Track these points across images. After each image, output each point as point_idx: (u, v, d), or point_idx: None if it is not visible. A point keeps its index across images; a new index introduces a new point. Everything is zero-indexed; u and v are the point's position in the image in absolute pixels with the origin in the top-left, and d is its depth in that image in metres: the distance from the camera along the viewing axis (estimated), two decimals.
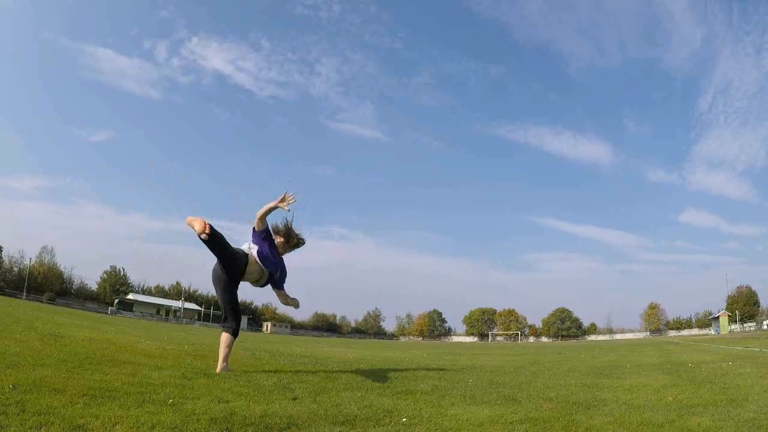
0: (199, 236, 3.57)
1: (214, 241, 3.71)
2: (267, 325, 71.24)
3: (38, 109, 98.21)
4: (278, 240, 4.15)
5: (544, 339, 76.64)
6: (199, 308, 69.92)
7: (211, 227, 3.60)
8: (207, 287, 78.72)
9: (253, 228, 4.08)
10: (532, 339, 78.50)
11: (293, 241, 4.18)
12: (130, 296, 64.09)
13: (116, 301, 60.40)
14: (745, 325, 55.63)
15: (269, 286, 4.26)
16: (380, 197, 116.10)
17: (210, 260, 3.98)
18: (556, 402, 3.03)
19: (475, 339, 79.61)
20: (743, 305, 62.10)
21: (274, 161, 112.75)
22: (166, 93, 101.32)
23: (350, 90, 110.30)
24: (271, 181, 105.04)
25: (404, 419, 2.30)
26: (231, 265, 3.88)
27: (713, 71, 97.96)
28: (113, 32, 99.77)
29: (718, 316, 60.49)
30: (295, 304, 4.51)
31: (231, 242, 3.94)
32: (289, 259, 4.32)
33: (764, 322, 50.00)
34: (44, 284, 57.04)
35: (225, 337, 3.94)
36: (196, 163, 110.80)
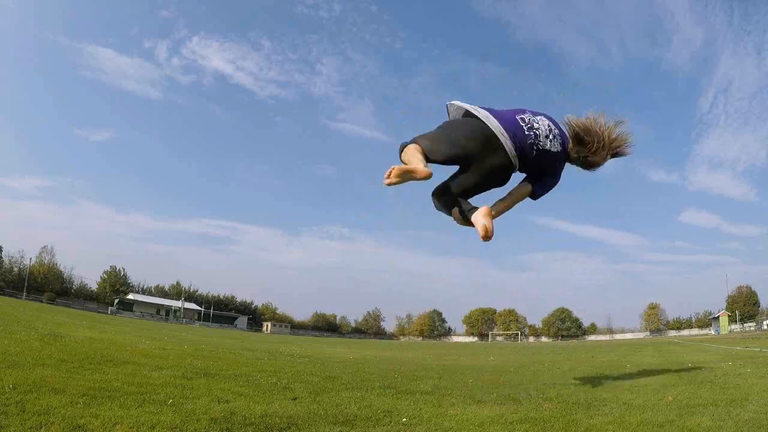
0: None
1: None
2: (267, 325, 71.24)
3: (38, 109, 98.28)
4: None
5: (544, 339, 76.62)
6: (199, 308, 69.92)
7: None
8: (207, 287, 78.77)
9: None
10: (532, 339, 78.48)
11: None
12: (130, 296, 64.09)
13: (116, 301, 60.41)
14: (745, 325, 55.62)
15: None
16: (381, 197, 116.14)
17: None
18: (556, 402, 3.03)
19: (475, 339, 79.60)
20: (743, 305, 62.09)
21: (274, 161, 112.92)
22: (167, 93, 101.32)
23: (351, 90, 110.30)
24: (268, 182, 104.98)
25: (404, 419, 2.30)
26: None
27: (714, 71, 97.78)
28: (113, 32, 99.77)
29: (718, 316, 60.51)
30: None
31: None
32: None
33: (764, 322, 50.00)
34: (44, 284, 57.02)
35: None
36: (197, 163, 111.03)
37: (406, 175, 2.38)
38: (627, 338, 62.67)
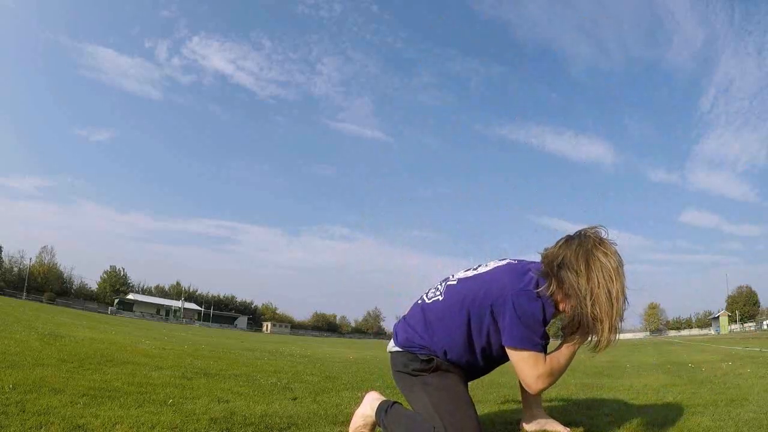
0: None
1: None
2: (267, 325, 71.27)
3: (39, 109, 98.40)
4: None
5: None
6: (199, 308, 69.95)
7: None
8: (207, 287, 78.72)
9: None
10: None
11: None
12: (130, 296, 64.14)
13: (116, 301, 60.45)
14: (745, 325, 55.68)
15: None
16: (381, 197, 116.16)
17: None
18: (556, 402, 3.03)
19: None
20: (743, 305, 62.15)
21: (274, 161, 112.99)
22: (167, 93, 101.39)
23: (351, 89, 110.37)
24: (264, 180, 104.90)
25: None
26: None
27: (715, 71, 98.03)
28: (114, 31, 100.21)
29: (718, 316, 60.56)
30: None
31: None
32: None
33: (764, 322, 50.03)
34: (44, 284, 57.06)
35: None
36: (197, 163, 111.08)
37: None
38: (627, 338, 62.65)
